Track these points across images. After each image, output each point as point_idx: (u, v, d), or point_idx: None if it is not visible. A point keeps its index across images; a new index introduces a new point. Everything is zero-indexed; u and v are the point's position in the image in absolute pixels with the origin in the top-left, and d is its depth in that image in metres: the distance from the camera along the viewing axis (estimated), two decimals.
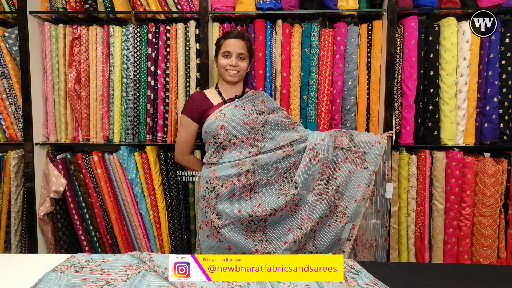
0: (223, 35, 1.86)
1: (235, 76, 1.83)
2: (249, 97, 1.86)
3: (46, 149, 2.24)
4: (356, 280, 1.21)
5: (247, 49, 1.84)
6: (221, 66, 1.83)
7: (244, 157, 1.76)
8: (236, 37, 1.81)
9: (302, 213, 1.79)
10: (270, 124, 1.83)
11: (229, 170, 1.75)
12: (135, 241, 2.23)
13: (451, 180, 2.06)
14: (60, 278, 1.19)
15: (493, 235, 2.06)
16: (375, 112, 2.13)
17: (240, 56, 1.82)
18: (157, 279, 1.19)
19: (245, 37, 1.85)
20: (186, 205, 2.19)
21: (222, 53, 1.82)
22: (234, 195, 1.75)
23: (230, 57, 1.81)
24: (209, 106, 1.83)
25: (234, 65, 1.80)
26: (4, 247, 2.23)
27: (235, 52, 1.80)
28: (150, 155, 2.13)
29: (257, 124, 1.79)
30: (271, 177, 1.80)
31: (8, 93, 2.21)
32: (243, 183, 1.75)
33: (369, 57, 2.11)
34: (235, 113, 1.78)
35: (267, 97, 1.92)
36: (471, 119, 2.10)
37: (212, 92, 1.90)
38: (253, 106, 1.85)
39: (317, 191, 1.79)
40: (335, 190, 1.80)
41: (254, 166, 1.76)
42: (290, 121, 1.89)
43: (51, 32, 2.16)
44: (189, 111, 1.84)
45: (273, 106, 1.90)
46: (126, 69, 2.16)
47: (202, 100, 1.85)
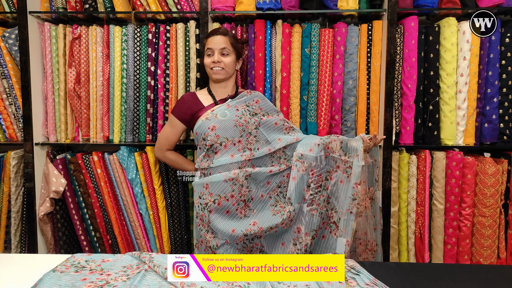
0: (207, 35, 1.85)
1: (220, 73, 1.79)
2: (243, 97, 1.82)
3: (46, 149, 2.24)
4: (356, 280, 1.21)
5: (230, 44, 1.80)
6: (206, 66, 1.81)
7: (236, 160, 1.70)
8: (217, 34, 1.79)
9: (297, 224, 1.72)
10: (264, 126, 1.78)
11: (222, 185, 1.68)
12: (135, 241, 2.23)
13: (451, 180, 2.06)
14: (60, 278, 1.19)
15: (493, 235, 2.06)
16: (375, 112, 2.12)
17: (223, 52, 1.78)
18: (157, 279, 1.19)
19: (228, 33, 1.82)
20: (186, 205, 2.19)
21: (206, 51, 1.81)
22: (228, 212, 1.69)
23: (212, 54, 1.78)
24: (200, 107, 1.80)
25: (216, 61, 1.77)
26: (4, 247, 2.23)
27: (217, 48, 1.77)
28: (150, 155, 2.13)
29: (250, 126, 1.74)
30: (264, 192, 1.74)
31: (8, 93, 2.21)
32: (236, 199, 1.69)
33: (369, 57, 2.11)
34: (227, 113, 1.74)
35: (262, 98, 1.87)
36: (471, 119, 2.10)
37: (203, 93, 1.87)
38: (247, 106, 1.80)
39: (309, 200, 1.72)
40: (326, 201, 1.74)
41: (247, 181, 1.70)
42: (286, 124, 1.84)
43: (51, 32, 2.16)
44: (178, 112, 1.82)
45: (267, 107, 1.85)
46: (126, 69, 2.16)
47: (193, 101, 1.82)
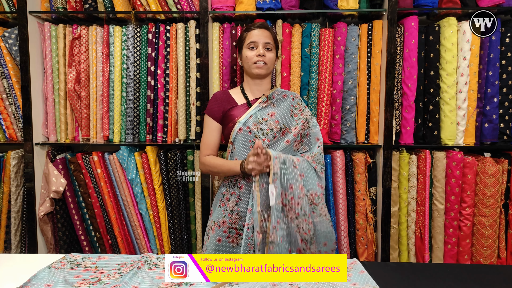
0: (246, 28, 1.73)
1: (263, 68, 1.66)
2: (277, 99, 1.73)
3: (46, 149, 2.24)
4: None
5: (273, 40, 1.71)
6: (248, 59, 1.67)
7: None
8: (260, 27, 1.69)
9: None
10: (273, 146, 1.66)
11: (217, 209, 1.65)
12: (135, 241, 2.23)
13: (451, 180, 2.06)
14: (54, 275, 1.19)
15: (494, 235, 2.06)
16: (375, 112, 2.12)
17: (267, 47, 1.67)
18: (148, 277, 1.19)
19: (269, 28, 1.73)
20: (186, 205, 2.19)
21: (247, 44, 1.67)
22: (219, 240, 1.63)
23: (256, 47, 1.66)
24: (232, 105, 1.71)
25: (262, 54, 1.64)
26: (4, 247, 2.23)
27: (261, 41, 1.66)
28: (150, 155, 2.12)
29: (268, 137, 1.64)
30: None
31: (8, 93, 2.21)
32: (228, 226, 1.62)
33: (369, 57, 2.11)
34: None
35: (279, 109, 1.70)
36: (472, 119, 2.09)
37: (236, 92, 1.78)
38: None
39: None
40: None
41: (238, 207, 1.62)
42: (298, 140, 1.68)
43: (51, 32, 2.16)
44: (210, 109, 1.73)
45: (287, 120, 1.68)
46: (126, 69, 2.16)
47: (225, 98, 1.72)
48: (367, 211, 2.12)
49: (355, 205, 2.14)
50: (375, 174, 2.14)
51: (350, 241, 2.15)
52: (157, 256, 1.33)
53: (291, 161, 1.58)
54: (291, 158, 1.59)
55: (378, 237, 2.15)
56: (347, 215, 2.14)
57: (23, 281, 1.14)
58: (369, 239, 2.13)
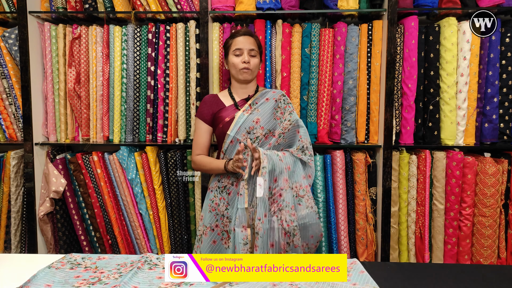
0: (231, 35, 1.83)
1: (248, 73, 1.78)
2: (262, 100, 1.81)
3: (46, 149, 2.24)
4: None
5: (257, 46, 1.82)
6: (234, 65, 1.78)
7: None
8: (245, 34, 1.80)
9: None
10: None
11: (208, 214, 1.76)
12: (135, 241, 2.23)
13: (451, 180, 2.06)
14: (54, 275, 1.19)
15: (494, 235, 2.06)
16: (375, 112, 2.12)
17: (251, 54, 1.78)
18: (147, 277, 1.19)
19: (253, 34, 1.84)
20: (186, 205, 2.19)
21: (233, 51, 1.78)
22: (214, 242, 1.74)
23: (241, 54, 1.77)
24: (221, 107, 1.81)
25: (247, 61, 1.76)
26: (4, 247, 2.23)
27: (246, 48, 1.77)
28: (150, 155, 2.12)
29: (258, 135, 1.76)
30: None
31: (8, 93, 2.21)
32: (221, 229, 1.73)
33: (369, 57, 2.11)
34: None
35: (263, 113, 1.77)
36: (471, 119, 2.09)
37: (224, 95, 1.88)
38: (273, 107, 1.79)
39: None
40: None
41: (227, 211, 1.73)
42: (282, 141, 1.75)
43: (51, 32, 2.16)
44: (200, 112, 1.83)
45: (271, 125, 1.76)
46: (126, 69, 2.16)
47: (214, 101, 1.83)
48: (367, 211, 2.12)
49: (355, 205, 2.14)
50: (375, 174, 2.14)
51: (350, 241, 2.16)
52: (157, 256, 1.33)
53: (276, 155, 1.68)
54: (277, 153, 1.69)
55: (378, 237, 2.15)
56: (347, 215, 2.14)
57: (23, 281, 1.14)
58: (369, 239, 2.13)
